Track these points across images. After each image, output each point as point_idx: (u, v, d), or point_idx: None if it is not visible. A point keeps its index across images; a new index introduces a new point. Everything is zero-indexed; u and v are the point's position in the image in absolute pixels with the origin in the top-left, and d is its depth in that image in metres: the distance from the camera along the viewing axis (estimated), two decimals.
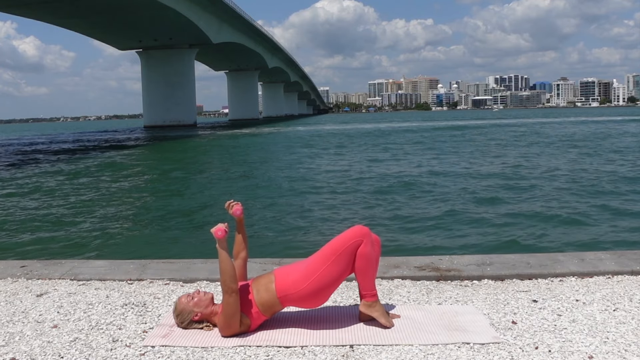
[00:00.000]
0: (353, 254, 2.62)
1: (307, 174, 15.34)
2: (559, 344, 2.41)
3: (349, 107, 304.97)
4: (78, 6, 43.29)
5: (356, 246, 2.61)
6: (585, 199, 9.94)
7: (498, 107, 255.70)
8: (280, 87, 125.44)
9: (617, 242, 6.73)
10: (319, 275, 2.60)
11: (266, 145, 29.74)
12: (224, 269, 2.55)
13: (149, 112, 61.51)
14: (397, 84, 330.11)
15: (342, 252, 2.61)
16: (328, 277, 2.61)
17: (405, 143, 28.17)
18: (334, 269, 2.60)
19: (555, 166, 15.40)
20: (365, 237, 2.64)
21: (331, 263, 2.60)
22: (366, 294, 2.67)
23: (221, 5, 53.56)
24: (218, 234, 2.57)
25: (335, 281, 2.64)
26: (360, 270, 2.64)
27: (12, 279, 3.66)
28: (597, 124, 47.55)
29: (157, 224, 8.76)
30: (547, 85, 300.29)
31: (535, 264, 3.54)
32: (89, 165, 20.19)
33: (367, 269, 2.65)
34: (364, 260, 2.63)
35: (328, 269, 2.60)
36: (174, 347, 2.49)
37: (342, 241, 2.62)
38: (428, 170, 15.32)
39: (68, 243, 7.45)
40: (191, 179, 15.21)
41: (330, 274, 2.61)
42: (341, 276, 2.65)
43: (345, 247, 2.61)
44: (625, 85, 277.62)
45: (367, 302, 2.67)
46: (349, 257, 2.62)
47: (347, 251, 2.61)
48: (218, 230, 2.57)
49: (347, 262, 2.62)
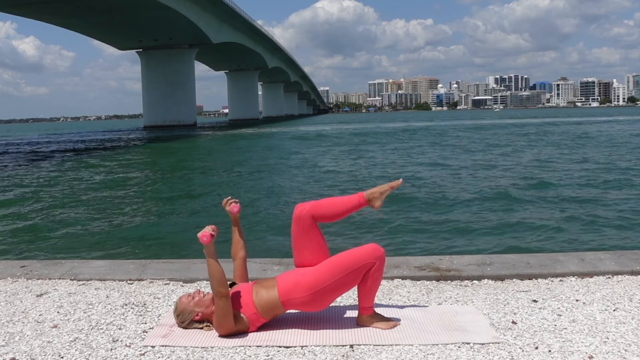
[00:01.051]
0: (364, 272, 2.62)
1: (312, 174, 15.34)
2: (559, 344, 2.41)
3: (349, 107, 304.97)
4: (78, 6, 43.29)
5: (369, 267, 2.61)
6: (587, 198, 9.94)
7: (498, 107, 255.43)
8: (280, 87, 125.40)
9: (617, 242, 6.73)
10: (328, 286, 2.60)
11: (266, 145, 29.73)
12: (212, 274, 2.56)
13: (149, 112, 61.50)
14: (397, 84, 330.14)
15: (354, 270, 2.60)
16: (335, 289, 2.62)
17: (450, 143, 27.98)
18: (342, 282, 2.61)
19: (571, 167, 15.38)
20: (380, 260, 2.63)
21: (341, 277, 2.60)
22: (366, 307, 2.68)
23: (221, 5, 53.55)
24: (203, 240, 2.55)
25: (341, 291, 2.66)
26: (366, 288, 2.64)
27: (12, 279, 3.66)
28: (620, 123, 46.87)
29: (157, 223, 8.76)
30: (547, 85, 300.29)
31: (535, 264, 3.54)
32: (89, 166, 20.19)
33: (373, 287, 2.66)
34: (373, 280, 2.63)
35: (336, 282, 2.60)
36: (174, 347, 2.49)
37: (356, 259, 2.60)
38: (437, 169, 15.32)
39: (68, 243, 7.45)
40: (191, 178, 15.20)
41: (337, 287, 2.62)
42: (347, 287, 2.66)
43: (359, 266, 2.60)
44: (625, 85, 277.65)
45: (367, 315, 2.68)
46: (359, 275, 2.62)
47: (359, 270, 2.61)
48: (203, 236, 2.55)
49: (356, 278, 2.63)
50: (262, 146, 29.15)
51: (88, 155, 25.62)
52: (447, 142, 27.80)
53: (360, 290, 2.67)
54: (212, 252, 2.57)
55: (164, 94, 59.03)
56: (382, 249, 2.65)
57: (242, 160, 20.64)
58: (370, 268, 2.61)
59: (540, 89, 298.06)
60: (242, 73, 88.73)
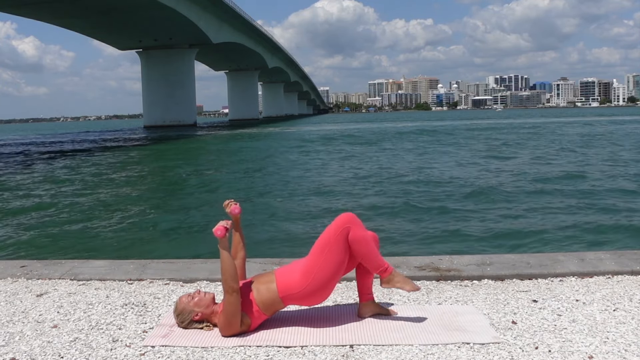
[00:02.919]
0: (345, 241, 2.63)
1: (309, 175, 15.34)
2: (559, 344, 2.41)
3: (349, 107, 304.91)
4: (78, 6, 43.30)
5: (345, 233, 2.63)
6: (589, 198, 9.93)
7: (498, 107, 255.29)
8: (280, 87, 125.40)
9: (617, 242, 6.73)
10: (318, 269, 2.61)
11: (267, 145, 29.73)
12: (225, 269, 2.56)
13: (149, 112, 61.52)
14: (397, 84, 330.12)
15: (334, 241, 2.62)
16: (327, 270, 2.62)
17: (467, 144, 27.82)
18: (330, 258, 2.62)
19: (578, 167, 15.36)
20: (351, 222, 2.65)
21: (326, 254, 2.62)
22: (380, 271, 2.68)
23: (221, 5, 53.57)
24: (218, 234, 2.58)
25: (336, 273, 2.65)
26: (360, 254, 2.66)
27: (12, 279, 3.66)
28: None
29: (157, 223, 8.76)
30: (547, 85, 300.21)
31: (535, 264, 3.54)
32: (89, 165, 20.19)
33: (367, 250, 2.66)
34: (359, 244, 2.64)
35: (325, 261, 2.62)
36: (174, 347, 2.49)
37: (331, 231, 2.65)
38: (443, 169, 15.32)
39: (68, 243, 7.45)
40: (191, 178, 15.20)
41: (328, 266, 2.62)
42: (340, 266, 2.65)
43: (335, 235, 2.63)
44: (625, 85, 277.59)
45: (385, 277, 2.69)
46: (342, 245, 2.63)
47: (339, 239, 2.63)
48: (217, 230, 2.58)
49: (342, 250, 2.63)
50: (262, 146, 29.15)
51: (88, 155, 25.61)
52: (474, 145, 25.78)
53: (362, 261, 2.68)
54: (226, 246, 2.59)
55: (164, 94, 59.05)
56: (351, 213, 2.69)
57: (242, 160, 20.64)
58: (347, 234, 2.62)
59: (540, 89, 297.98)
60: (242, 73, 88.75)
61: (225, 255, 2.57)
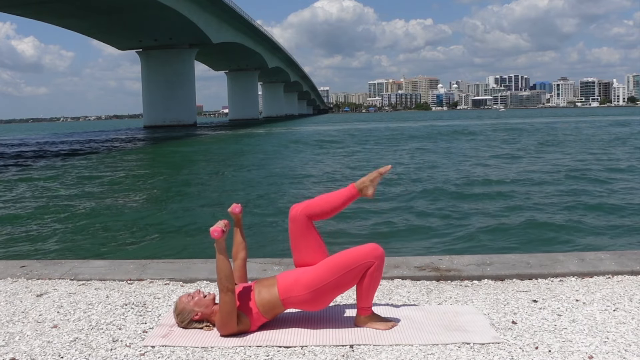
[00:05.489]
0: (365, 271, 2.61)
1: (309, 175, 15.34)
2: (559, 344, 2.41)
3: (349, 107, 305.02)
4: (78, 6, 43.31)
5: (368, 266, 2.61)
6: (587, 198, 9.93)
7: (499, 107, 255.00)
8: (280, 87, 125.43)
9: (617, 242, 6.73)
10: (326, 285, 2.60)
11: (267, 145, 29.73)
12: (220, 268, 2.56)
13: (149, 112, 61.53)
14: (397, 84, 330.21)
15: (353, 269, 2.60)
16: (334, 288, 2.62)
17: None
18: (341, 281, 2.61)
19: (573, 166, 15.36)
20: (379, 259, 2.62)
21: (340, 276, 2.60)
22: (364, 307, 2.67)
23: (221, 5, 53.58)
24: (214, 235, 2.56)
25: (340, 290, 2.66)
26: (364, 287, 2.64)
27: (12, 279, 3.66)
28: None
29: (157, 223, 8.75)
30: (547, 85, 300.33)
31: (535, 264, 3.54)
32: (89, 165, 20.19)
33: (371, 287, 2.65)
34: (371, 280, 2.63)
35: (335, 281, 2.60)
36: (174, 347, 2.49)
37: (356, 259, 2.60)
38: (449, 171, 15.33)
39: (68, 243, 7.45)
40: (191, 178, 15.20)
41: (336, 286, 2.62)
42: (346, 287, 2.66)
43: (358, 265, 2.60)
44: (625, 85, 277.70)
45: (365, 315, 2.68)
46: (359, 274, 2.62)
47: (359, 269, 2.61)
48: (214, 231, 2.57)
49: (355, 277, 2.63)
50: (263, 146, 29.14)
51: (88, 155, 25.61)
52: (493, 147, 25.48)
53: (359, 290, 2.66)
54: (223, 248, 2.58)
55: (164, 94, 59.06)
56: (382, 248, 2.65)
57: (242, 160, 20.64)
58: (369, 267, 2.60)
59: (540, 89, 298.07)
60: (242, 73, 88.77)
61: (220, 257, 2.57)
